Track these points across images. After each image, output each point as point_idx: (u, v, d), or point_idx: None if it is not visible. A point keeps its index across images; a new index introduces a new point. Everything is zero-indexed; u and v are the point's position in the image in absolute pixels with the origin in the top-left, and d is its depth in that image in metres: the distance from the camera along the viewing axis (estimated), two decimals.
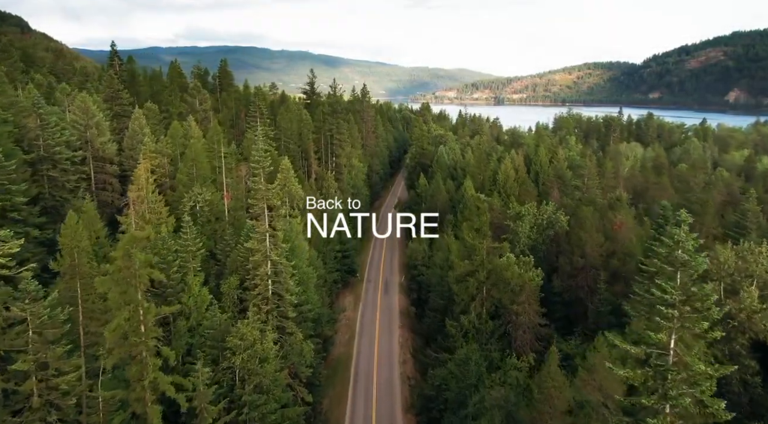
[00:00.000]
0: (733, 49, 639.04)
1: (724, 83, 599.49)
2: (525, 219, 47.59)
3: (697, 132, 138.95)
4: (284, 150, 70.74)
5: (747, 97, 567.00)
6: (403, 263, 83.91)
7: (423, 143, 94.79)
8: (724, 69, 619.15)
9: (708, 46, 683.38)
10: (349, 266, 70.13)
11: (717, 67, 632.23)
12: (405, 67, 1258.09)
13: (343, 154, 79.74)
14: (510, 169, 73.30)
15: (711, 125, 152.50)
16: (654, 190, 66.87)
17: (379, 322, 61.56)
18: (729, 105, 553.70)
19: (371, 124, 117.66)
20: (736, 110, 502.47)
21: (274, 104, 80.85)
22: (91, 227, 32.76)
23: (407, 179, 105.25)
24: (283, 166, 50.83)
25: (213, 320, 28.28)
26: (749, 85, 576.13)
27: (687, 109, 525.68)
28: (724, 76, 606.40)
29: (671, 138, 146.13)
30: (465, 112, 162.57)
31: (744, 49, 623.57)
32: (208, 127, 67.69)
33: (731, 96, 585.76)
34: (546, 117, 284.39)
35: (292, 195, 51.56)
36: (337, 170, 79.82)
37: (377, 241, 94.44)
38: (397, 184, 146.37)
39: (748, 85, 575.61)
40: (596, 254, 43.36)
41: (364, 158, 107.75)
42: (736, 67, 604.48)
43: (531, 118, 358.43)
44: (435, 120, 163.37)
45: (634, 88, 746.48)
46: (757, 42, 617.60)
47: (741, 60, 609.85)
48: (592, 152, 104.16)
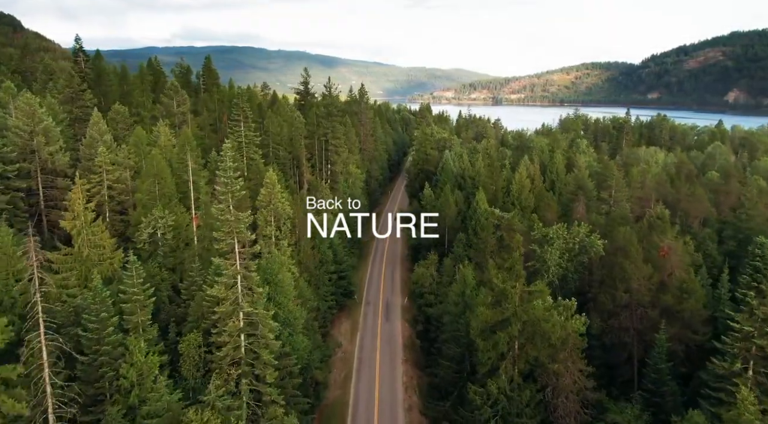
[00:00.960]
0: (732, 49, 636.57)
1: (723, 83, 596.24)
2: (554, 243, 39.96)
3: (713, 134, 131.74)
4: (272, 158, 62.99)
5: (747, 97, 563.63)
6: (405, 280, 76.17)
7: (426, 148, 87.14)
8: (723, 69, 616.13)
9: (707, 47, 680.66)
10: (346, 288, 62.38)
11: (716, 67, 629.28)
12: (402, 68, 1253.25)
13: (339, 161, 72.09)
14: (525, 178, 65.72)
15: (725, 127, 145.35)
16: (687, 203, 59.37)
17: (380, 356, 53.73)
18: (728, 105, 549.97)
19: (369, 126, 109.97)
20: (735, 111, 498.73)
21: (262, 106, 73.10)
22: (9, 264, 24.89)
23: (408, 186, 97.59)
24: (268, 180, 43.08)
25: (157, 404, 20.47)
26: (749, 85, 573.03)
27: (686, 109, 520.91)
28: (723, 77, 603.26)
29: (685, 141, 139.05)
30: (468, 113, 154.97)
31: (743, 49, 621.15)
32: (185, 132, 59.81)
33: (731, 96, 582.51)
34: (546, 117, 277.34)
35: (278, 213, 43.82)
36: (332, 179, 72.15)
37: (377, 254, 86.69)
38: (396, 189, 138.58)
39: (748, 86, 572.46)
40: (644, 288, 35.78)
41: (362, 164, 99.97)
42: (735, 68, 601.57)
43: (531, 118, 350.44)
44: (436, 121, 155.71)
45: (632, 88, 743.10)
46: (756, 42, 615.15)
47: (740, 60, 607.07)
48: (608, 157, 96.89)
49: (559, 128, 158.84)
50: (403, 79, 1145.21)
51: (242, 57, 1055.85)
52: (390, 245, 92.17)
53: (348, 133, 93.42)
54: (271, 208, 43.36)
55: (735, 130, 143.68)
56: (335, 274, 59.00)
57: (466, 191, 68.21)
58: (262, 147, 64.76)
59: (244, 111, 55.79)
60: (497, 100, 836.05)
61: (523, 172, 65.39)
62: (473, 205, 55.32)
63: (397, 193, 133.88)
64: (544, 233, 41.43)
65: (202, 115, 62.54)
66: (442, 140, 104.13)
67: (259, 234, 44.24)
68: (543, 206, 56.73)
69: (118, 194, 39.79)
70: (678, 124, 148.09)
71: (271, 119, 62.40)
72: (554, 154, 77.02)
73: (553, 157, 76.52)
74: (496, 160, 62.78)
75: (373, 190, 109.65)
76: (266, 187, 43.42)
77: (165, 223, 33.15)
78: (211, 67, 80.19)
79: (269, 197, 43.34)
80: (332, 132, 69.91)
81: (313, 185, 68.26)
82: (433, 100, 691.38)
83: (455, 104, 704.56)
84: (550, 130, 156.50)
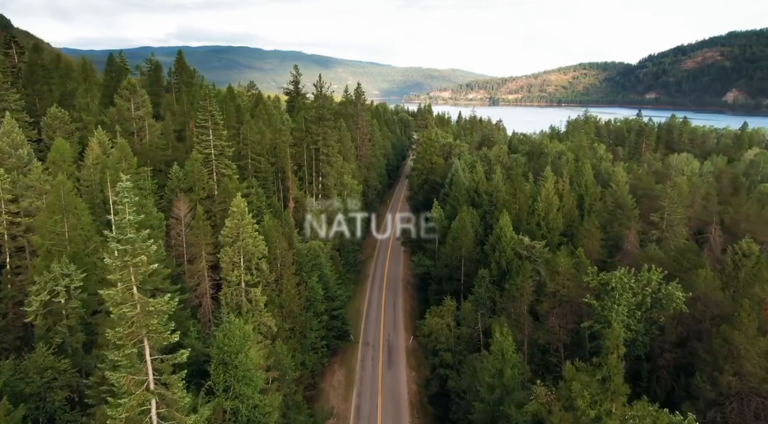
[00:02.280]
0: (730, 49, 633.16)
1: (721, 84, 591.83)
2: (620, 296, 29.35)
3: (738, 137, 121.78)
4: (251, 171, 52.12)
5: (746, 97, 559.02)
6: (409, 312, 65.38)
7: (431, 155, 76.43)
8: (721, 69, 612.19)
9: (704, 47, 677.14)
10: (339, 329, 51.59)
11: (714, 67, 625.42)
12: (398, 68, 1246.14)
13: (331, 173, 61.28)
14: (552, 194, 55.17)
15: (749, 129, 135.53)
16: (753, 226, 48.91)
17: (382, 419, 43.00)
18: (728, 106, 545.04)
19: (366, 130, 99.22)
20: (735, 111, 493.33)
21: (241, 109, 62.13)
22: None
23: (411, 199, 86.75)
24: (236, 209, 32.35)
25: None
26: (747, 85, 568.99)
27: (685, 110, 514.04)
28: (721, 77, 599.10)
29: (704, 145, 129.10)
30: (471, 114, 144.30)
31: (740, 49, 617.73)
32: (143, 141, 48.71)
33: (729, 96, 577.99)
34: (545, 118, 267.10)
35: (249, 252, 33.04)
36: (323, 193, 61.44)
37: (375, 276, 75.92)
38: (396, 198, 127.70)
39: (747, 86, 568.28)
40: (761, 370, 25.27)
41: (359, 173, 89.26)
42: (733, 68, 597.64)
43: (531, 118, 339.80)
44: (437, 124, 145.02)
45: (630, 88, 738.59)
46: (754, 42, 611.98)
47: (738, 60, 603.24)
48: (636, 165, 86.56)
49: (565, 130, 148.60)
50: (399, 79, 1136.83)
51: (238, 57, 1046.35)
52: (391, 263, 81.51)
53: (343, 138, 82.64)
54: (240, 245, 32.60)
55: (758, 132, 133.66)
56: (326, 314, 48.25)
57: (482, 209, 57.59)
58: (240, 158, 53.93)
59: (212, 116, 44.88)
60: (494, 100, 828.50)
61: (550, 186, 54.84)
62: (496, 232, 44.68)
63: (397, 202, 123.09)
64: (602, 280, 30.79)
65: (165, 119, 51.49)
66: (448, 146, 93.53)
67: (223, 279, 33.57)
68: (581, 233, 46.08)
69: (24, 233, 28.81)
70: (697, 126, 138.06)
71: (250, 125, 51.52)
72: (581, 164, 66.41)
73: (580, 168, 65.88)
74: (518, 173, 52.09)
75: (371, 201, 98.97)
76: (233, 217, 32.62)
77: (70, 283, 22.34)
78: (184, 63, 69.03)
79: (236, 231, 32.57)
80: (324, 139, 59.18)
81: (301, 202, 57.48)
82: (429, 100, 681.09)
83: (452, 105, 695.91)
84: (558, 133, 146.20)
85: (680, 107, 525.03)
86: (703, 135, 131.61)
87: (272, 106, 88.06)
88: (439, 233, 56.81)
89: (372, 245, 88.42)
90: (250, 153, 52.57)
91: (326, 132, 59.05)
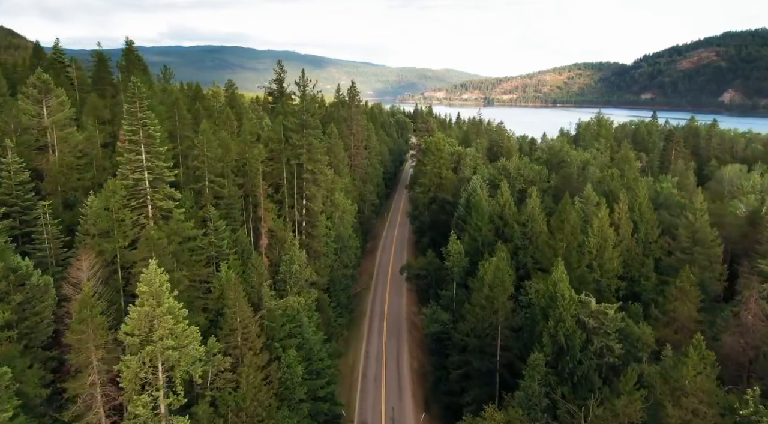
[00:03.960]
0: (726, 49, 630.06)
1: (717, 84, 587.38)
2: None
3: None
4: (208, 198, 38.32)
5: (743, 98, 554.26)
6: (417, 371, 51.16)
7: (440, 168, 63.01)
8: (717, 70, 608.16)
9: (700, 47, 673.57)
10: (328, 412, 37.95)
11: (710, 67, 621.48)
12: (392, 68, 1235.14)
13: (318, 194, 47.65)
14: (606, 227, 41.98)
15: None
16: None
17: None
18: (724, 106, 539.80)
19: (362, 135, 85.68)
20: (732, 111, 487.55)
21: (200, 114, 48.33)
22: None
23: (415, 218, 73.08)
24: (145, 287, 18.89)
25: None
26: (744, 85, 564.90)
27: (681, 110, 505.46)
28: (717, 77, 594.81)
29: (734, 151, 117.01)
30: (476, 116, 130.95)
31: (736, 49, 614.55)
32: (50, 161, 34.72)
33: (726, 97, 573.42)
34: (544, 118, 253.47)
35: (170, 361, 19.58)
36: (309, 221, 47.80)
37: (374, 315, 62.55)
38: (395, 210, 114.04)
39: (743, 86, 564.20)
40: None
41: (353, 186, 75.70)
42: (729, 68, 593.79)
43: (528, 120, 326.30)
44: (439, 127, 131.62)
45: (625, 88, 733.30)
46: (749, 42, 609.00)
47: (734, 61, 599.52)
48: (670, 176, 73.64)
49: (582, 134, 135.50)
50: (393, 79, 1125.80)
51: (230, 57, 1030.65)
52: (393, 296, 67.90)
53: (334, 147, 69.07)
54: (153, 350, 19.08)
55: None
56: (308, 400, 34.66)
57: (513, 243, 44.27)
58: (195, 181, 40.20)
59: (144, 126, 31.20)
60: (489, 100, 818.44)
61: (604, 215, 41.67)
62: (548, 290, 31.39)
63: (396, 214, 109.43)
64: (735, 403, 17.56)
65: (86, 128, 37.51)
66: (456, 155, 79.95)
67: (127, 407, 19.97)
68: (667, 291, 32.90)
69: None
70: (725, 130, 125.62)
71: (207, 136, 37.85)
72: (635, 183, 52.63)
73: (635, 189, 51.59)
74: (567, 202, 38.70)
75: (367, 218, 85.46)
76: (141, 302, 19.12)
77: None
78: (134, 56, 54.91)
79: (147, 325, 19.09)
80: (308, 152, 45.61)
81: (279, 236, 43.84)
82: (424, 100, 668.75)
83: (447, 105, 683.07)
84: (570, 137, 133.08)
85: (677, 108, 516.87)
86: (731, 140, 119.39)
87: (251, 108, 74.24)
88: (457, 275, 43.39)
89: (368, 272, 74.65)
90: (207, 174, 38.83)
91: (311, 143, 45.50)
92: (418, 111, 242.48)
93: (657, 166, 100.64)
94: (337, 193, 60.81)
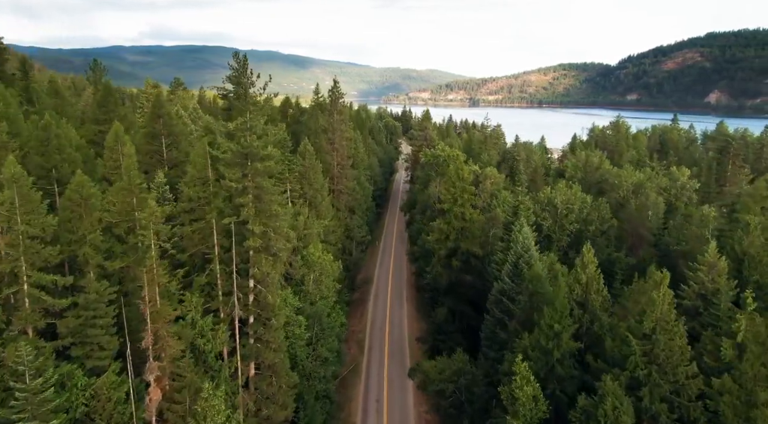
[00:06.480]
0: (710, 50, 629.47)
1: (702, 85, 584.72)
2: None
3: None
4: (12, 329, 17.97)
5: (729, 99, 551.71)
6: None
7: (462, 206, 43.05)
8: (702, 70, 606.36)
9: (684, 47, 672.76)
10: None
11: (694, 68, 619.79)
12: (376, 68, 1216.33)
13: (273, 271, 27.19)
14: None
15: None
16: None
17: None
18: (711, 107, 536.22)
19: (347, 151, 65.39)
20: (718, 112, 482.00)
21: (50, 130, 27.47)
22: None
23: (426, 288, 51.80)
24: None
25: None
26: (729, 86, 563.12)
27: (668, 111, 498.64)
28: (702, 78, 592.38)
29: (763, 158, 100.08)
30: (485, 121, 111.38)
31: (720, 50, 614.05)
32: None
33: (712, 97, 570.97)
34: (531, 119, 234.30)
35: None
36: (257, 320, 27.18)
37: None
38: (387, 235, 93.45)
39: (729, 87, 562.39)
40: None
41: (337, 223, 55.22)
42: (714, 69, 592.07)
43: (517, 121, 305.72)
44: (438, 136, 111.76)
45: (610, 89, 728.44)
46: (733, 43, 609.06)
47: (718, 61, 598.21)
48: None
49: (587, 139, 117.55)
50: (377, 80, 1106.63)
51: (212, 57, 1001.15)
52: (395, 390, 45.50)
53: (309, 172, 48.68)
54: None
55: None
56: None
57: (626, 372, 24.86)
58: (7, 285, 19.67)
59: None
60: (474, 101, 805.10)
61: None
62: None
63: (389, 242, 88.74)
64: None
65: None
66: (474, 175, 60.14)
67: None
68: None
69: None
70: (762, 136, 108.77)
71: (28, 198, 17.43)
72: (751, 227, 34.11)
73: (750, 232, 33.39)
74: None
75: (356, 260, 65.12)
76: None
77: None
78: None
79: None
80: (256, 201, 25.38)
81: (190, 383, 23.18)
82: (409, 101, 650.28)
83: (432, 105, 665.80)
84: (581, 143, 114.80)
85: (663, 108, 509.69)
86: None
87: (191, 116, 53.35)
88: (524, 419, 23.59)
89: (357, 338, 53.39)
90: (27, 270, 18.38)
91: (261, 187, 25.30)
92: (407, 113, 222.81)
93: (704, 183, 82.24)
94: (312, 245, 40.49)
